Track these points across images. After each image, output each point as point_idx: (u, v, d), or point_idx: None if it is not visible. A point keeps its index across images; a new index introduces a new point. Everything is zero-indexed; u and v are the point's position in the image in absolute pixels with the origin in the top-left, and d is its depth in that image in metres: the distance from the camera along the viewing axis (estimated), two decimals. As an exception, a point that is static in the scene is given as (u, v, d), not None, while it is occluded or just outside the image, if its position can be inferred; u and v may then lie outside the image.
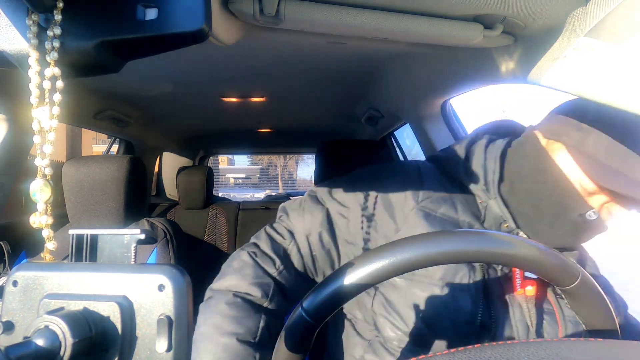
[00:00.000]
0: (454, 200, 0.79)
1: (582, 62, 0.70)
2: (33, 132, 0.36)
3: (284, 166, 21.14)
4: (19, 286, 0.31)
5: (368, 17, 0.71)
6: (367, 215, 0.80)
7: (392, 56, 1.12)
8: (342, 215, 0.82)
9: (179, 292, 0.29)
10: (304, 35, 0.80)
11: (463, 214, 0.77)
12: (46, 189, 0.35)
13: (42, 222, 0.35)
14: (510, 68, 0.88)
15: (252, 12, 0.67)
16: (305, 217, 0.83)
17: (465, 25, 0.75)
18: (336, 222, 0.82)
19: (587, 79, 0.71)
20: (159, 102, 1.68)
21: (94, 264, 0.34)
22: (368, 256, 0.53)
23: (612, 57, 0.66)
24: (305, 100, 1.74)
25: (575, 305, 0.57)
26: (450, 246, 0.53)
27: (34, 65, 0.35)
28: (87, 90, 1.48)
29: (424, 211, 0.77)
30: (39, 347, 0.26)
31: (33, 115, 0.35)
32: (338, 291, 0.51)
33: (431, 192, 0.80)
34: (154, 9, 0.35)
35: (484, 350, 0.33)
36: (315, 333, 0.55)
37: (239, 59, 1.15)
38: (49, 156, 0.36)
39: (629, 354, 0.35)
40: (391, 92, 1.41)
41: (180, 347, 0.29)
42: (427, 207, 0.78)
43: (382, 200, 0.80)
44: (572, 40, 0.70)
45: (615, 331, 0.56)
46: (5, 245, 1.30)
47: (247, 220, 2.11)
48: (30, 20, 0.35)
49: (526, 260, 0.53)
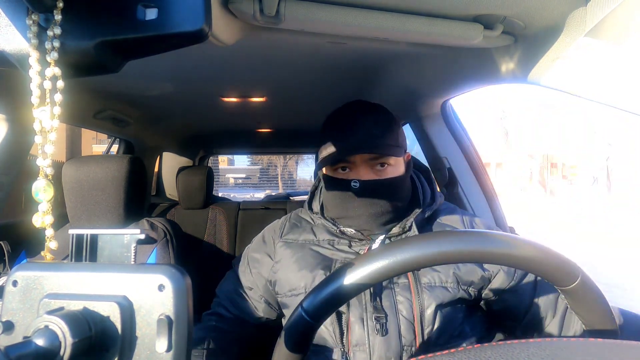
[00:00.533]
0: (312, 228, 1.00)
1: (582, 62, 0.70)
2: (34, 132, 0.36)
3: (284, 166, 21.14)
4: (19, 286, 0.31)
5: (368, 17, 0.71)
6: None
7: (392, 56, 1.12)
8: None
9: (179, 292, 0.29)
10: (304, 35, 0.80)
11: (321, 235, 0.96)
12: (48, 189, 0.36)
13: (46, 222, 0.36)
14: (510, 68, 0.88)
15: (252, 12, 0.67)
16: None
17: (465, 25, 0.75)
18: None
19: (587, 79, 0.71)
20: (159, 102, 1.68)
21: (94, 264, 0.34)
22: (368, 257, 0.53)
23: (612, 57, 0.66)
24: (305, 100, 1.74)
25: (575, 305, 0.57)
26: (449, 246, 0.53)
27: (34, 65, 0.35)
28: (87, 90, 1.49)
29: (286, 242, 0.98)
30: (39, 347, 0.26)
31: (34, 116, 0.35)
32: (337, 291, 0.52)
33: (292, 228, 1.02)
34: (154, 9, 0.35)
35: (483, 351, 0.33)
36: (315, 333, 0.55)
37: (239, 59, 1.15)
38: (50, 156, 0.36)
39: (629, 354, 0.35)
40: (391, 92, 1.41)
41: (180, 347, 0.29)
42: (289, 239, 0.99)
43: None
44: (572, 40, 0.70)
45: (615, 331, 0.56)
46: (5, 245, 1.30)
47: (247, 220, 2.11)
48: (30, 20, 0.35)
49: (526, 260, 0.53)
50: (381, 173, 0.91)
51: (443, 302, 0.81)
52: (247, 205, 2.20)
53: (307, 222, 1.04)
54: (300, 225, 1.03)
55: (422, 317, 0.81)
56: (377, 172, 0.90)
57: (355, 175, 0.90)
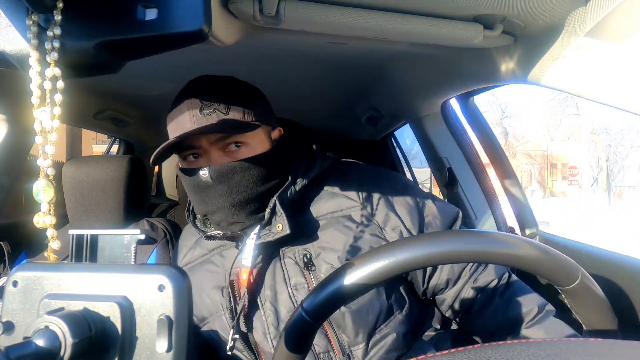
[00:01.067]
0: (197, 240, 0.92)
1: (582, 62, 0.70)
2: (35, 133, 0.36)
3: (284, 166, 21.05)
4: (19, 286, 0.31)
5: (368, 17, 0.71)
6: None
7: (392, 56, 1.12)
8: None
9: (179, 292, 0.29)
10: (304, 35, 0.80)
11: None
12: (49, 189, 0.36)
13: (47, 222, 0.36)
14: (510, 68, 0.88)
15: (252, 12, 0.67)
16: None
17: (465, 25, 0.75)
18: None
19: (587, 79, 0.71)
20: (159, 102, 1.68)
21: (94, 264, 0.34)
22: (367, 256, 0.53)
23: (612, 57, 0.66)
24: (305, 100, 1.74)
25: (575, 305, 0.57)
26: (449, 246, 0.53)
27: (34, 66, 0.35)
28: (87, 90, 1.48)
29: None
30: (39, 347, 0.26)
31: (35, 116, 0.35)
32: (338, 291, 0.52)
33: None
34: (154, 9, 0.35)
35: (483, 351, 0.33)
36: (315, 333, 0.55)
37: (239, 59, 1.15)
38: (51, 156, 0.36)
39: (629, 354, 0.35)
40: (391, 92, 1.41)
41: (180, 347, 0.29)
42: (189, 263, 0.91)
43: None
44: (572, 40, 0.70)
45: (615, 331, 0.56)
46: (5, 246, 1.30)
47: None
48: (30, 20, 0.35)
49: (526, 260, 0.53)
50: (236, 154, 0.77)
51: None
52: None
53: (193, 234, 0.92)
54: (187, 240, 0.94)
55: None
56: (230, 153, 0.78)
57: (205, 162, 0.78)
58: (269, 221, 0.79)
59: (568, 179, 23.29)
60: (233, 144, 0.78)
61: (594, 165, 24.83)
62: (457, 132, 1.44)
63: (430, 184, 3.80)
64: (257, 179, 0.78)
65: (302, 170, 0.84)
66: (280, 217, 0.77)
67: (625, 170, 25.89)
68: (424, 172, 3.07)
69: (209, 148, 0.77)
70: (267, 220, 0.79)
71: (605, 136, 25.74)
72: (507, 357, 0.32)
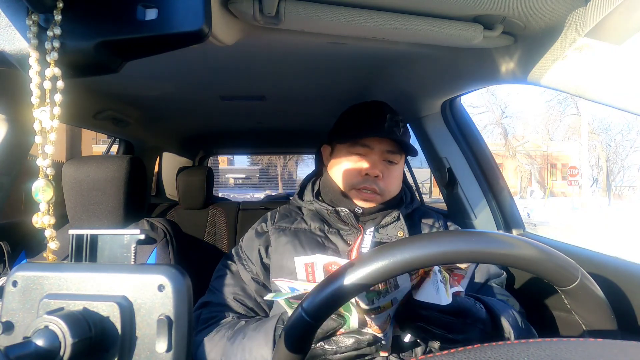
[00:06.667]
0: (303, 218, 1.08)
1: (582, 62, 0.70)
2: (34, 133, 0.36)
3: (283, 166, 21.12)
4: (18, 286, 0.31)
5: (368, 17, 0.71)
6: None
7: (392, 56, 1.12)
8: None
9: (178, 292, 0.29)
10: (304, 35, 0.80)
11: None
12: (48, 189, 0.35)
13: (45, 222, 0.35)
14: (510, 68, 0.88)
15: (252, 12, 0.67)
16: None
17: (465, 25, 0.75)
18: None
19: (587, 79, 0.71)
20: (159, 102, 1.68)
21: (94, 264, 0.34)
22: (367, 256, 0.53)
23: (611, 57, 0.66)
24: (305, 100, 1.74)
25: (575, 306, 0.57)
26: (449, 246, 0.53)
27: (34, 66, 0.35)
28: (87, 90, 1.48)
29: (279, 228, 1.05)
30: (39, 347, 0.26)
31: (34, 116, 0.35)
32: (337, 291, 0.52)
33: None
34: (154, 9, 0.35)
35: (483, 351, 0.33)
36: (315, 333, 0.55)
37: (239, 59, 1.15)
38: (50, 156, 0.36)
39: (629, 354, 0.35)
40: (391, 92, 1.41)
41: (179, 347, 0.29)
42: (282, 226, 1.06)
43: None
44: (572, 40, 0.70)
45: (615, 331, 0.56)
46: (5, 246, 1.30)
47: (247, 220, 2.11)
48: (30, 20, 0.35)
49: (526, 261, 0.53)
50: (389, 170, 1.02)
51: None
52: (247, 206, 2.19)
53: (297, 212, 1.11)
54: (290, 215, 1.10)
55: None
56: (386, 167, 1.02)
57: (370, 162, 1.00)
58: (387, 225, 1.03)
59: (568, 179, 23.28)
60: (389, 161, 1.04)
61: (594, 165, 24.84)
62: (457, 132, 1.44)
63: (430, 184, 3.80)
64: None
65: (409, 199, 1.11)
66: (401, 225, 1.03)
67: (625, 170, 25.90)
68: (424, 172, 3.07)
69: (377, 153, 1.03)
70: (385, 225, 1.02)
71: (605, 136, 25.76)
72: (507, 357, 0.32)
